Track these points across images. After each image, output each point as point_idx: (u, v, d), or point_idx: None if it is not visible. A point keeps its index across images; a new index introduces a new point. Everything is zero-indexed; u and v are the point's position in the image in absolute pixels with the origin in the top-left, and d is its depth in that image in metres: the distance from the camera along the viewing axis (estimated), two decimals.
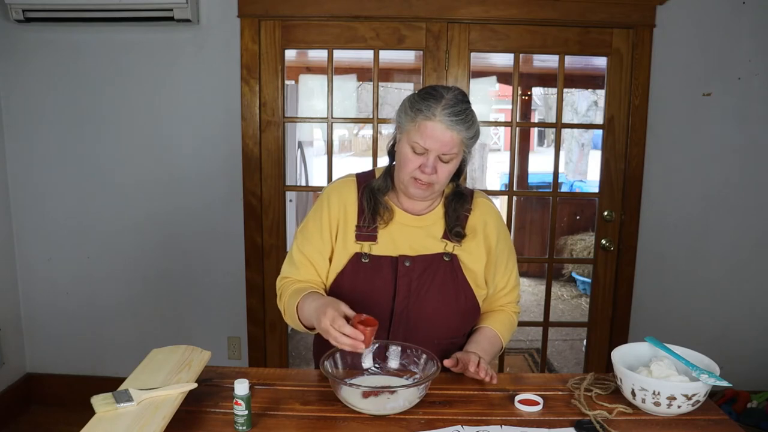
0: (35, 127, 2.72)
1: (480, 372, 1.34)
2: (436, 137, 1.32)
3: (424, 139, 1.32)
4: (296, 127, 4.93)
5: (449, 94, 1.34)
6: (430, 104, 1.32)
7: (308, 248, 1.48)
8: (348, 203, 1.47)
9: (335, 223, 1.46)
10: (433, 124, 1.31)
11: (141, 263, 2.81)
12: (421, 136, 1.33)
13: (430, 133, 1.32)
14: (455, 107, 1.32)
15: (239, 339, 2.84)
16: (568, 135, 8.30)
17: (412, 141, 1.34)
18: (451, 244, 1.45)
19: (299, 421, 1.22)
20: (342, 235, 1.46)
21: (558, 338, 4.05)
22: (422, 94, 1.36)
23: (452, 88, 1.37)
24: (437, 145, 1.32)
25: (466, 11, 2.55)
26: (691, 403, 1.22)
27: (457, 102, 1.33)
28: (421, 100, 1.34)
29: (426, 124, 1.32)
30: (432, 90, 1.36)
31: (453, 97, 1.34)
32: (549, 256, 2.88)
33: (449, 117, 1.31)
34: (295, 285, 1.46)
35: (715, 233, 2.74)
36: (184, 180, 2.74)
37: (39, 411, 2.86)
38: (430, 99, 1.33)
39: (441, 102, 1.32)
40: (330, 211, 1.47)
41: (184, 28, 2.60)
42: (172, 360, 1.36)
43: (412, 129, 1.34)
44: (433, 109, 1.31)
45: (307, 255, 1.47)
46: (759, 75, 2.61)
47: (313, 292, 1.38)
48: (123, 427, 1.08)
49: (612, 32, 2.60)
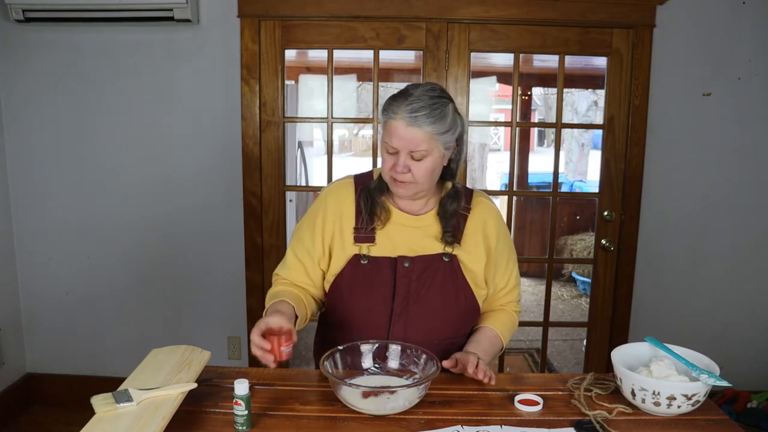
0: (35, 127, 2.72)
1: (478, 373, 1.35)
2: (400, 135, 1.33)
3: (391, 138, 1.35)
4: (296, 127, 4.93)
5: (418, 90, 1.35)
6: (396, 104, 1.34)
7: (300, 250, 1.49)
8: (345, 206, 1.47)
9: (330, 227, 1.46)
10: (396, 122, 1.33)
11: (141, 263, 2.81)
12: (388, 135, 1.35)
13: (394, 132, 1.34)
14: (417, 103, 1.32)
15: (239, 339, 2.84)
16: (568, 135, 8.30)
17: (384, 141, 1.38)
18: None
19: (299, 421, 1.22)
20: (339, 238, 1.46)
21: (558, 338, 4.04)
22: (395, 94, 1.38)
23: (425, 85, 1.37)
24: (402, 143, 1.33)
25: (466, 11, 2.55)
26: (691, 403, 1.22)
27: (423, 98, 1.33)
28: (391, 100, 1.37)
29: (390, 123, 1.34)
30: (404, 90, 1.37)
31: (421, 93, 1.34)
32: (549, 256, 2.88)
33: (409, 114, 1.31)
34: (278, 287, 1.48)
35: (715, 233, 2.74)
36: (184, 180, 2.74)
37: (39, 411, 2.86)
38: (399, 98, 1.35)
39: (407, 100, 1.33)
40: (325, 215, 1.47)
41: (184, 28, 2.60)
42: (172, 360, 1.36)
43: (384, 129, 1.38)
44: (395, 107, 1.33)
45: (299, 256, 1.49)
46: (759, 75, 2.61)
47: (281, 301, 1.37)
48: (123, 427, 1.08)
49: (612, 32, 2.60)
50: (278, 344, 1.22)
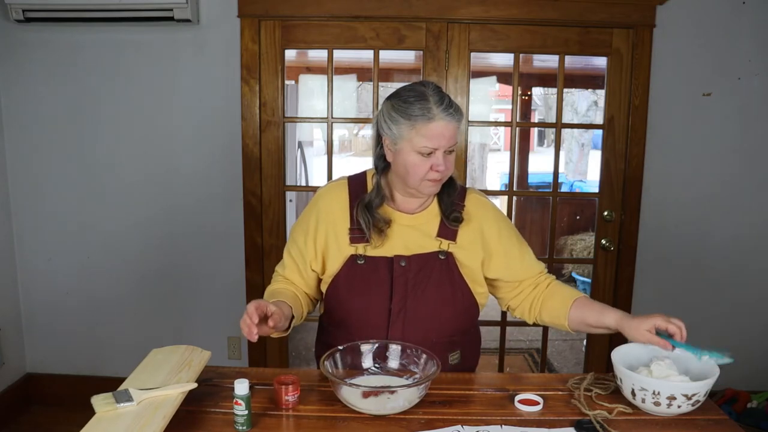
0: (35, 127, 2.72)
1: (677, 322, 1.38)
2: (441, 134, 1.33)
3: (431, 140, 1.32)
4: (296, 127, 4.93)
5: (428, 89, 1.35)
6: (423, 106, 1.32)
7: (294, 250, 1.51)
8: (338, 208, 1.46)
9: (323, 230, 1.46)
10: (436, 123, 1.32)
11: (141, 263, 2.81)
12: (427, 138, 1.32)
13: (437, 132, 1.32)
14: (445, 100, 1.34)
15: (239, 339, 2.84)
16: (568, 135, 8.30)
17: (418, 146, 1.33)
18: (446, 242, 1.45)
19: (299, 421, 1.22)
20: (334, 240, 1.46)
21: (558, 338, 4.04)
22: (404, 99, 1.35)
23: (425, 83, 1.38)
24: (443, 141, 1.33)
25: (466, 11, 2.54)
26: (691, 403, 1.22)
27: (441, 94, 1.35)
28: (408, 105, 1.33)
29: (429, 126, 1.32)
30: (409, 92, 1.36)
31: (434, 91, 1.35)
32: (549, 256, 2.88)
33: (446, 111, 1.32)
34: (277, 284, 1.51)
35: (715, 233, 2.74)
36: (184, 180, 2.74)
37: (39, 411, 2.86)
38: (419, 101, 1.33)
39: (430, 100, 1.33)
40: (318, 218, 1.47)
41: (184, 28, 2.60)
42: (172, 360, 1.36)
43: (414, 135, 1.33)
44: (427, 109, 1.32)
45: (293, 257, 1.51)
46: (759, 75, 2.61)
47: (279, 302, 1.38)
48: (123, 427, 1.08)
49: (612, 32, 2.60)
50: (284, 393, 1.25)
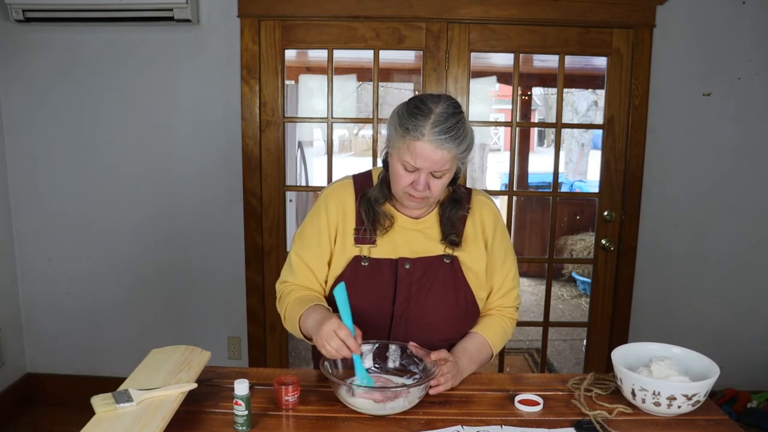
0: (35, 127, 2.72)
1: (439, 379, 1.29)
2: (426, 157, 1.27)
3: (414, 159, 1.28)
4: (296, 127, 4.92)
5: (439, 107, 1.28)
6: (418, 123, 1.26)
7: (306, 253, 1.46)
8: (346, 207, 1.46)
9: (333, 227, 1.45)
10: (422, 144, 1.26)
11: (141, 263, 2.81)
12: (410, 155, 1.28)
13: (420, 153, 1.27)
14: (444, 124, 1.26)
15: (239, 339, 2.84)
16: (568, 135, 8.30)
17: (402, 159, 1.31)
18: (450, 246, 1.45)
19: (299, 421, 1.22)
20: (341, 239, 1.45)
21: (558, 338, 4.05)
22: (410, 108, 1.30)
23: (442, 99, 1.31)
24: (427, 164, 1.28)
25: (466, 11, 2.54)
26: (691, 403, 1.22)
27: (447, 117, 1.27)
28: (409, 116, 1.28)
29: (415, 145, 1.27)
30: (420, 104, 1.29)
31: (443, 111, 1.28)
32: (549, 256, 2.88)
33: (438, 136, 1.26)
34: (298, 292, 1.44)
35: (715, 233, 2.74)
36: (184, 180, 2.74)
37: (39, 411, 2.86)
38: (419, 116, 1.27)
39: (429, 119, 1.26)
40: (328, 216, 1.46)
41: (184, 28, 2.60)
42: (172, 360, 1.36)
43: (402, 147, 1.30)
44: (421, 128, 1.26)
45: (305, 260, 1.46)
46: (759, 75, 2.61)
47: (317, 305, 1.36)
48: (123, 427, 1.08)
49: (612, 32, 2.60)
50: (284, 393, 1.25)
